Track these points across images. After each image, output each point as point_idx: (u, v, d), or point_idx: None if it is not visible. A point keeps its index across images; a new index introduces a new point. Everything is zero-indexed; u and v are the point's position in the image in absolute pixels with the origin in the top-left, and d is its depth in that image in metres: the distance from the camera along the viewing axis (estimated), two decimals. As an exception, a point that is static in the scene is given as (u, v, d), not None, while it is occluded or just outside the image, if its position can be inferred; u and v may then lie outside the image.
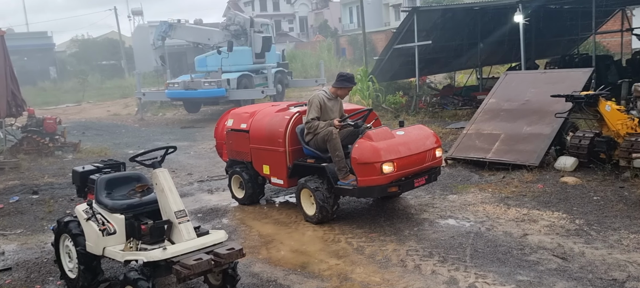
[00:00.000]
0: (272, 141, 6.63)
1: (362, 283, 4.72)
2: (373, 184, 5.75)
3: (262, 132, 6.79)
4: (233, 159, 7.39)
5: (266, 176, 6.95)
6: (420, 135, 6.20)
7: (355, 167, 5.80)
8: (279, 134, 6.54)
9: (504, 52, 18.88)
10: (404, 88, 17.70)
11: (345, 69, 26.27)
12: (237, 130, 7.19)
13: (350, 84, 6.44)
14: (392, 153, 5.74)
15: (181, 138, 13.98)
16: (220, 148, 8.03)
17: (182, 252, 4.14)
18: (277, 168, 6.68)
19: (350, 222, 6.30)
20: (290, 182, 6.62)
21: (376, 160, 5.66)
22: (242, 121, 7.15)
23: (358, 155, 5.76)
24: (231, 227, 6.55)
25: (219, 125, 7.99)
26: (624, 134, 7.21)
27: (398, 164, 5.74)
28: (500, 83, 9.80)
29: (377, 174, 5.67)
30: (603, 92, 7.31)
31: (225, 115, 7.88)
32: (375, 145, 5.74)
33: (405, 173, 5.88)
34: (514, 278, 4.56)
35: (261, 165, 6.90)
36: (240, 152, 7.18)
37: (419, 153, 5.97)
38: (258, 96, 17.21)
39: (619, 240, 5.17)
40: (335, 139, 5.97)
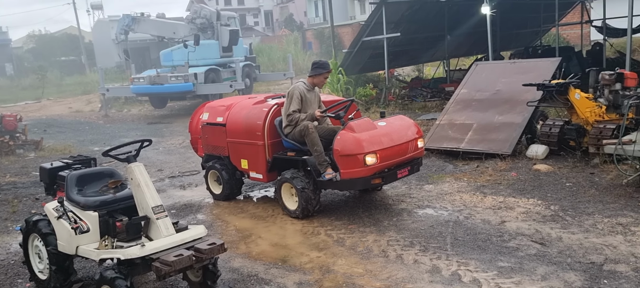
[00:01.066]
0: (250, 134, 6.46)
1: (345, 274, 4.67)
2: (356, 176, 5.64)
3: (240, 126, 6.61)
4: (209, 154, 7.17)
5: (244, 171, 6.76)
6: (402, 126, 6.12)
7: (338, 159, 5.68)
8: (258, 126, 6.37)
9: (471, 44, 19.18)
10: (374, 80, 17.74)
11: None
12: (213, 124, 6.98)
13: (324, 70, 6.27)
14: (375, 144, 5.65)
15: (149, 134, 13.62)
16: (195, 143, 7.81)
17: (162, 248, 3.98)
18: (256, 163, 6.51)
19: (328, 215, 6.24)
20: (270, 176, 6.48)
21: (359, 151, 5.56)
22: (219, 114, 6.94)
23: (340, 147, 5.65)
24: (207, 222, 6.39)
25: (193, 119, 7.76)
26: (593, 121, 7.38)
27: (381, 155, 5.65)
28: (471, 73, 9.90)
29: (360, 166, 5.58)
30: (573, 81, 7.47)
31: (200, 109, 7.66)
32: (358, 136, 5.64)
33: (388, 165, 5.79)
34: (496, 264, 4.59)
35: (239, 159, 6.72)
36: (216, 146, 6.98)
37: (402, 144, 5.89)
38: (226, 90, 16.93)
39: (594, 225, 5.27)
40: (312, 134, 5.83)
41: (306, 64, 28.61)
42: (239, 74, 16.91)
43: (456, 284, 4.32)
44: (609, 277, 4.18)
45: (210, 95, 17.81)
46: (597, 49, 16.98)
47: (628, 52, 10.24)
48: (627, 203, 5.77)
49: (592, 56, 16.56)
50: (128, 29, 18.55)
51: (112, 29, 26.47)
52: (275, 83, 23.91)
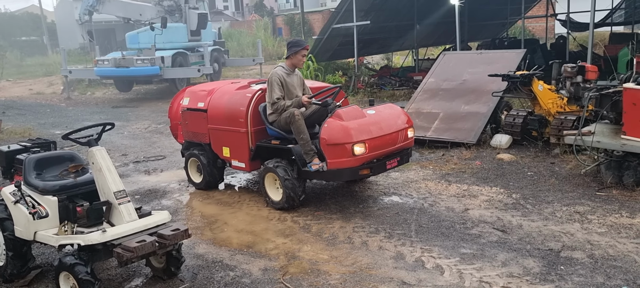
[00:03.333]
0: (232, 121, 6.19)
1: (310, 261, 4.68)
2: (343, 166, 5.39)
3: (222, 112, 6.33)
4: (189, 141, 6.92)
5: (226, 159, 6.52)
6: (391, 115, 5.85)
7: (325, 148, 5.40)
8: (240, 113, 6.11)
9: (439, 34, 19.37)
10: (343, 68, 17.78)
11: (282, 49, 26.04)
12: (193, 109, 6.71)
13: (299, 47, 5.96)
14: (364, 133, 5.38)
15: (113, 118, 13.32)
16: (175, 130, 7.54)
17: (124, 234, 3.91)
18: (238, 151, 6.27)
19: (295, 201, 6.23)
20: (253, 165, 6.25)
21: (347, 140, 5.30)
22: (199, 100, 6.67)
23: (327, 135, 5.37)
24: (172, 208, 6.31)
25: (173, 104, 7.49)
26: (555, 112, 7.57)
27: (370, 145, 5.39)
28: (439, 63, 10.01)
29: (347, 156, 5.32)
30: (537, 72, 7.63)
31: (180, 94, 7.38)
32: (346, 124, 5.37)
33: (377, 155, 5.53)
34: (458, 251, 4.68)
35: (220, 147, 6.47)
36: (197, 133, 6.73)
37: (391, 134, 5.63)
38: (194, 75, 16.69)
39: (553, 213, 5.42)
40: (298, 121, 5.54)
41: (276, 50, 28.45)
42: (207, 58, 16.67)
43: (419, 270, 4.38)
44: (565, 263, 4.31)
45: (178, 79, 17.55)
46: (561, 42, 17.39)
47: (590, 46, 10.52)
48: (585, 192, 5.96)
49: (556, 49, 16.96)
50: (92, 9, 18.00)
51: (76, 9, 25.65)
52: (244, 69, 23.68)
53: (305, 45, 6.07)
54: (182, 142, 7.17)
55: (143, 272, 4.64)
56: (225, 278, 4.45)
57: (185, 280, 4.45)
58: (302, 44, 6.02)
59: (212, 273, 4.56)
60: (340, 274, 4.40)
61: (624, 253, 4.42)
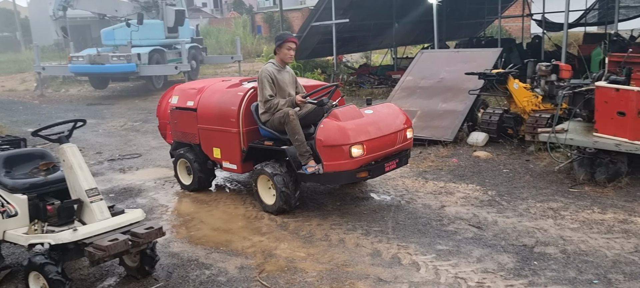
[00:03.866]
0: (223, 121, 5.92)
1: (287, 258, 4.66)
2: (341, 169, 5.12)
3: (212, 111, 6.05)
4: (179, 141, 6.63)
5: (217, 160, 6.23)
6: (390, 115, 5.59)
7: (321, 150, 5.14)
8: (232, 112, 5.83)
9: (418, 33, 19.49)
10: (322, 66, 17.77)
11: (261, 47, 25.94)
12: (182, 108, 6.41)
13: (282, 40, 5.65)
14: (362, 134, 5.12)
15: (88, 115, 13.09)
16: (163, 129, 7.26)
17: (95, 232, 3.83)
18: (230, 152, 5.99)
19: (272, 199, 6.20)
20: (245, 166, 5.96)
21: (344, 142, 5.04)
22: (189, 98, 6.38)
23: (324, 137, 5.11)
24: (147, 206, 6.22)
25: (161, 102, 7.23)
26: (530, 110, 7.68)
27: (368, 147, 5.14)
28: (417, 61, 10.07)
29: (345, 158, 5.06)
30: (513, 70, 7.73)
31: (169, 92, 7.12)
32: (343, 125, 5.12)
33: (375, 157, 5.29)
34: (434, 247, 4.70)
35: (211, 147, 6.19)
36: (186, 133, 6.44)
37: (390, 135, 5.37)
38: (172, 72, 16.52)
39: (527, 209, 5.49)
40: (293, 121, 5.26)
41: (255, 47, 28.33)
42: (184, 55, 16.49)
43: (396, 267, 4.39)
44: (539, 259, 4.37)
45: (154, 76, 17.35)
46: (536, 41, 17.64)
47: (564, 45, 10.71)
48: (558, 188, 6.05)
49: (531, 48, 17.19)
50: (66, 5, 17.64)
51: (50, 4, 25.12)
52: (222, 66, 23.51)
53: (288, 37, 5.73)
54: (171, 143, 6.91)
55: (116, 272, 4.56)
56: (201, 277, 4.41)
57: (159, 279, 4.38)
58: (284, 37, 5.72)
59: (187, 272, 4.51)
60: (317, 271, 4.38)
61: (595, 248, 4.49)
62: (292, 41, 5.73)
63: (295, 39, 5.77)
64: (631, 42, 12.49)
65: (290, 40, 5.71)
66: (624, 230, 4.84)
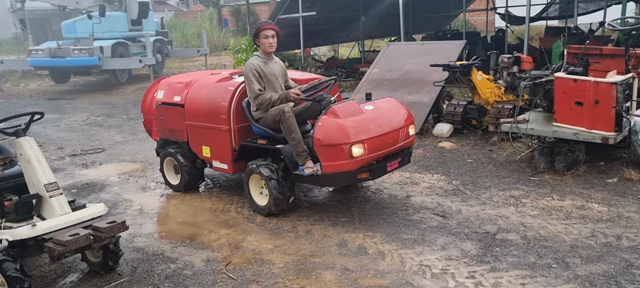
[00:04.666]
0: (213, 118, 5.58)
1: (254, 250, 4.65)
2: (340, 170, 4.78)
3: (201, 107, 5.71)
4: (165, 138, 6.29)
5: (206, 159, 5.91)
6: (391, 110, 5.27)
7: (319, 149, 4.80)
8: (222, 108, 5.49)
9: (385, 26, 19.62)
10: (290, 59, 17.72)
11: (228, 40, 25.66)
12: (169, 103, 6.06)
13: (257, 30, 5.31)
14: (363, 132, 4.79)
15: (49, 110, 12.73)
16: (148, 126, 6.90)
17: (55, 228, 3.74)
18: (220, 151, 5.67)
19: (239, 192, 6.16)
20: (237, 166, 5.64)
21: (344, 141, 4.70)
22: (176, 93, 6.02)
23: (322, 135, 4.75)
24: (110, 201, 6.10)
25: (146, 97, 6.87)
26: (493, 101, 7.84)
27: (369, 146, 4.81)
28: (383, 54, 10.14)
29: (345, 158, 4.73)
30: (476, 62, 7.86)
31: (154, 86, 6.77)
32: (342, 123, 4.77)
33: (376, 156, 4.97)
34: (400, 237, 4.77)
35: (200, 146, 5.88)
36: (173, 130, 6.12)
37: (392, 132, 5.04)
38: (136, 65, 16.20)
39: (490, 198, 5.62)
40: (289, 119, 4.96)
41: (221, 41, 28.03)
42: (149, 48, 16.18)
43: (362, 256, 4.43)
44: (501, 245, 4.47)
45: (118, 70, 16.99)
46: (500, 35, 17.99)
47: (526, 38, 10.94)
48: (520, 177, 6.20)
49: (495, 42, 17.52)
50: (25, -4, 17.11)
51: (7, -4, 24.27)
52: (189, 60, 23.20)
53: (262, 25, 5.34)
54: (157, 139, 6.57)
55: (79, 268, 4.46)
56: (166, 271, 4.36)
57: (123, 274, 4.31)
58: (258, 26, 5.35)
59: (152, 266, 4.45)
60: (284, 263, 4.39)
61: (554, 234, 4.63)
62: (268, 28, 5.33)
63: (271, 25, 5.37)
64: (589, 35, 12.86)
65: (264, 28, 5.32)
66: (581, 216, 5.00)
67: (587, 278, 3.86)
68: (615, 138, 5.74)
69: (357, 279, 4.05)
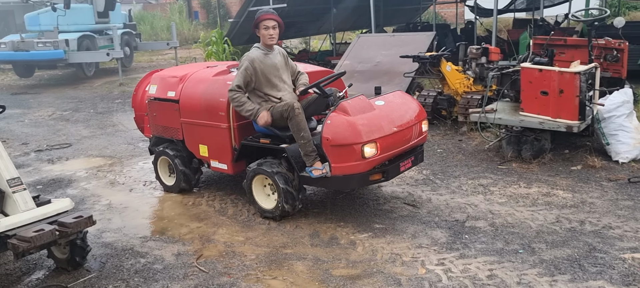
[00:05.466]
0: (211, 115, 5.23)
1: (225, 243, 4.62)
2: (351, 172, 4.46)
3: (197, 103, 5.35)
4: (159, 136, 5.94)
5: (203, 158, 5.57)
6: (403, 106, 4.92)
7: (328, 150, 4.47)
8: (221, 105, 5.12)
9: (356, 19, 19.64)
10: (261, 52, 17.57)
11: (198, 33, 25.34)
12: (162, 99, 5.69)
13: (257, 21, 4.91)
14: (375, 131, 4.46)
15: (13, 105, 12.38)
16: (140, 122, 6.52)
17: (19, 224, 3.65)
18: (219, 150, 5.33)
19: (210, 185, 6.12)
20: (237, 166, 5.32)
21: (355, 141, 4.38)
22: (170, 88, 5.64)
23: (332, 134, 4.42)
24: (78, 197, 5.98)
25: (137, 91, 6.50)
26: (462, 92, 7.95)
27: (382, 145, 4.49)
28: (354, 46, 10.17)
29: (356, 159, 4.41)
30: (445, 53, 7.96)
31: (145, 79, 6.45)
32: (353, 121, 4.44)
33: (389, 156, 4.65)
34: (371, 226, 4.80)
35: (196, 144, 5.52)
36: (167, 127, 5.75)
37: (405, 130, 4.72)
38: (103, 59, 15.85)
39: (460, 186, 5.71)
40: (298, 116, 4.59)
41: (192, 34, 27.64)
42: (117, 41, 15.84)
43: (334, 246, 4.46)
44: (469, 232, 4.56)
45: (85, 64, 16.61)
46: (469, 27, 18.22)
47: (494, 30, 11.14)
48: (488, 166, 6.32)
49: (465, 33, 17.74)
50: (-15, -12, 16.54)
51: (-33, -13, 23.42)
52: (158, 53, 22.83)
53: (262, 15, 4.90)
54: (149, 136, 6.26)
55: (45, 265, 4.37)
56: (136, 266, 4.30)
57: (92, 270, 4.24)
58: (258, 16, 4.90)
59: (121, 262, 4.38)
60: (256, 255, 4.38)
61: (520, 220, 4.74)
62: (268, 18, 4.87)
63: (272, 15, 4.90)
64: (555, 26, 13.14)
65: (264, 18, 4.87)
66: (546, 202, 5.13)
67: (552, 263, 3.96)
68: (579, 126, 5.89)
69: (329, 269, 4.07)
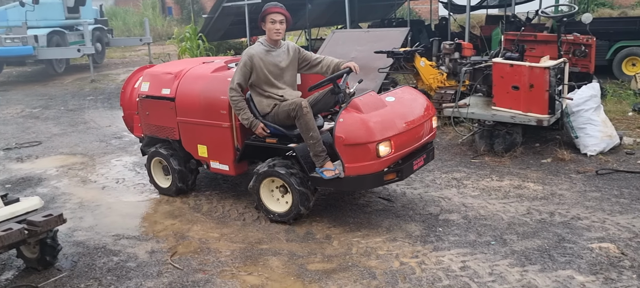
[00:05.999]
0: (211, 113, 5.00)
1: (200, 240, 4.59)
2: (366, 172, 4.28)
3: (196, 101, 5.10)
4: (152, 136, 5.67)
5: (202, 159, 5.31)
6: (413, 101, 4.76)
7: (342, 149, 4.26)
8: (222, 103, 4.88)
9: (331, 14, 19.66)
10: (236, 48, 17.50)
11: (172, 29, 25.03)
12: (156, 97, 5.42)
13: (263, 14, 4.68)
14: (389, 128, 4.29)
15: (-21, 103, 12.06)
16: (129, 121, 6.19)
17: (-14, 223, 3.57)
18: (220, 150, 5.10)
19: (185, 181, 6.06)
20: (239, 167, 5.13)
21: (370, 139, 4.19)
22: (164, 85, 5.38)
23: (345, 133, 4.22)
24: (48, 196, 5.86)
25: (126, 88, 6.17)
26: (435, 87, 8.03)
27: (396, 143, 4.31)
28: (328, 41, 10.18)
29: (371, 158, 4.23)
30: (418, 49, 8.03)
31: (134, 76, 6.17)
32: (367, 118, 4.26)
33: (403, 154, 4.47)
34: (346, 221, 4.83)
35: (195, 145, 5.27)
36: (162, 127, 5.48)
37: (417, 126, 4.56)
38: (74, 55, 15.55)
39: (433, 180, 5.78)
40: (307, 115, 4.38)
41: (165, 29, 27.31)
42: (87, 37, 15.54)
43: (310, 241, 4.47)
44: (443, 225, 4.62)
45: (55, 60, 16.28)
46: (443, 23, 18.41)
47: (467, 26, 11.29)
48: (462, 160, 6.41)
49: (439, 30, 17.92)
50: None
51: None
52: (131, 49, 22.50)
53: (269, 8, 4.64)
54: (140, 136, 5.96)
55: (15, 265, 4.27)
56: (109, 264, 4.24)
57: (63, 269, 4.17)
58: (266, 8, 4.65)
59: (93, 260, 4.31)
60: (231, 251, 4.36)
61: (493, 213, 4.82)
62: (276, 12, 4.63)
63: (280, 9, 4.67)
64: (526, 22, 13.36)
65: (272, 12, 4.63)
66: (518, 195, 5.23)
67: (523, 253, 4.05)
68: (549, 120, 6.01)
69: (304, 264, 4.08)
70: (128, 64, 18.58)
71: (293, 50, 4.87)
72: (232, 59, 5.63)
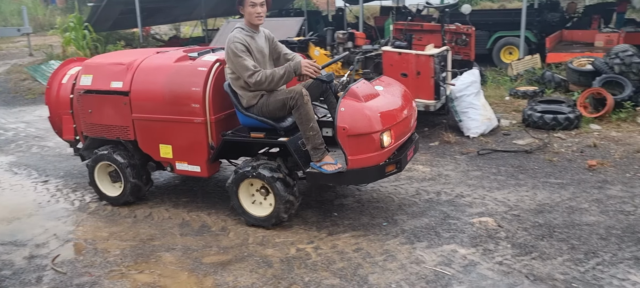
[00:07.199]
0: (178, 108, 4.45)
1: (87, 241, 4.33)
2: (369, 164, 3.97)
3: (159, 95, 4.52)
4: (96, 137, 5.00)
5: (165, 161, 4.70)
6: (397, 90, 4.50)
7: (345, 141, 3.92)
8: (194, 95, 4.36)
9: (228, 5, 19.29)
10: (127, 38, 16.64)
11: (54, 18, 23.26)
12: (103, 92, 4.77)
13: None
14: (389, 117, 4.03)
15: None
16: (58, 121, 5.43)
17: None
18: (189, 149, 4.55)
19: (70, 178, 5.68)
20: (212, 168, 4.63)
21: (374, 129, 3.90)
22: (113, 77, 4.72)
23: (349, 123, 3.88)
24: None
25: (52, 85, 5.41)
26: (331, 76, 8.18)
27: (395, 133, 4.08)
28: (222, 31, 10.03)
29: (375, 149, 3.94)
30: (312, 38, 8.13)
31: (60, 70, 5.47)
32: (368, 107, 3.95)
33: (399, 145, 4.24)
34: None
35: (155, 145, 4.68)
36: (111, 126, 4.84)
37: (409, 115, 4.37)
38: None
39: (329, 167, 5.89)
40: (307, 104, 3.98)
41: (47, 19, 25.34)
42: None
43: (205, 234, 4.37)
44: (338, 210, 4.73)
45: None
46: (340, 14, 18.82)
47: (361, 16, 11.63)
48: (356, 146, 6.59)
49: (336, 20, 18.31)
50: None
51: None
52: (8, 40, 20.61)
53: None
54: (70, 139, 5.32)
55: None
56: (-21, 274, 3.86)
57: None
58: None
59: (-39, 271, 3.91)
60: (121, 250, 4.16)
61: (385, 196, 5.02)
62: None
63: None
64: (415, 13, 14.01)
65: None
66: (408, 177, 5.48)
67: (412, 232, 4.25)
68: (435, 105, 6.36)
69: (199, 257, 3.99)
70: (5, 56, 17.02)
71: (270, 38, 4.54)
72: (190, 49, 5.03)
